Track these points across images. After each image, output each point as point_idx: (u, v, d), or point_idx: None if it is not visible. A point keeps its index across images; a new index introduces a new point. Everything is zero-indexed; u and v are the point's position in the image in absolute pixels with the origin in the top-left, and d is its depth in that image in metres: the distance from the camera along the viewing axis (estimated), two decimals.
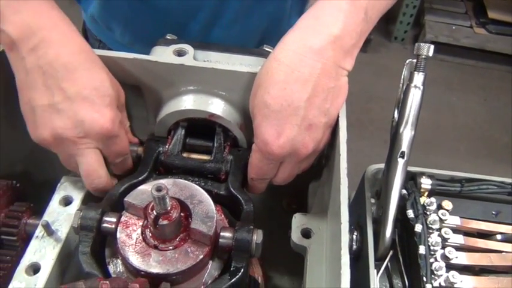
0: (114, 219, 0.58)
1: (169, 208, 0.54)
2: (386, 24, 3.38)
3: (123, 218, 0.58)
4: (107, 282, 0.47)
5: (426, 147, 2.59)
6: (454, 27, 3.17)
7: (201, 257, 0.55)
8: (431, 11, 3.26)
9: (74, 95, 0.60)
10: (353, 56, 0.63)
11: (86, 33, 1.09)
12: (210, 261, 0.59)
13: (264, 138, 0.61)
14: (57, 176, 0.72)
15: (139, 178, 0.66)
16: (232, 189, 0.66)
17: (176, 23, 0.91)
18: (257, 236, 0.57)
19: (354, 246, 0.70)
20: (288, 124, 0.60)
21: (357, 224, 0.75)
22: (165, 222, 0.54)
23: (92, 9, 0.97)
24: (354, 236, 0.70)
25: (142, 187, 0.60)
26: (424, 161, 0.77)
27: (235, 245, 0.57)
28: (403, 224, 0.75)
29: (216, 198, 0.63)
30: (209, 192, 0.62)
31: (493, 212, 0.75)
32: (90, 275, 0.55)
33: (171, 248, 0.56)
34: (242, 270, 0.56)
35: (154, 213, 0.54)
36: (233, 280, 0.56)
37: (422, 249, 0.67)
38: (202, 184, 0.67)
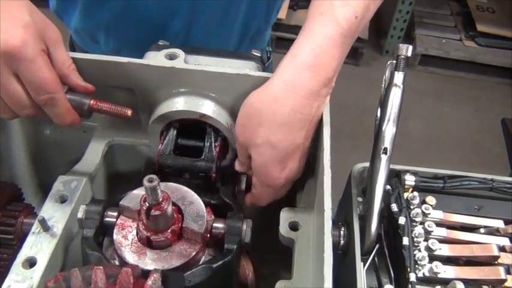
0: (115, 213, 0.62)
1: (160, 199, 0.56)
2: (377, 38, 3.44)
3: (119, 221, 0.62)
4: (101, 267, 0.49)
5: (419, 157, 2.62)
6: (444, 41, 3.24)
7: (194, 254, 0.59)
8: (421, 25, 3.33)
9: None
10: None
11: (73, 46, 1.11)
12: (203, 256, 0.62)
13: (272, 175, 0.68)
14: (54, 179, 0.74)
15: None
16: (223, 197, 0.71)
17: (156, 24, 0.94)
18: (247, 224, 0.61)
19: (342, 242, 0.73)
20: (291, 159, 0.68)
21: (344, 220, 0.78)
22: (157, 212, 0.57)
23: (74, 22, 0.99)
24: (342, 232, 0.73)
25: (136, 191, 0.64)
26: None
27: (227, 230, 0.61)
28: (389, 220, 0.77)
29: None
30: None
31: (475, 207, 0.77)
32: (93, 255, 0.58)
33: (163, 239, 0.59)
34: (234, 252, 0.60)
35: (147, 204, 0.57)
36: (226, 259, 0.59)
37: (405, 241, 0.69)
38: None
